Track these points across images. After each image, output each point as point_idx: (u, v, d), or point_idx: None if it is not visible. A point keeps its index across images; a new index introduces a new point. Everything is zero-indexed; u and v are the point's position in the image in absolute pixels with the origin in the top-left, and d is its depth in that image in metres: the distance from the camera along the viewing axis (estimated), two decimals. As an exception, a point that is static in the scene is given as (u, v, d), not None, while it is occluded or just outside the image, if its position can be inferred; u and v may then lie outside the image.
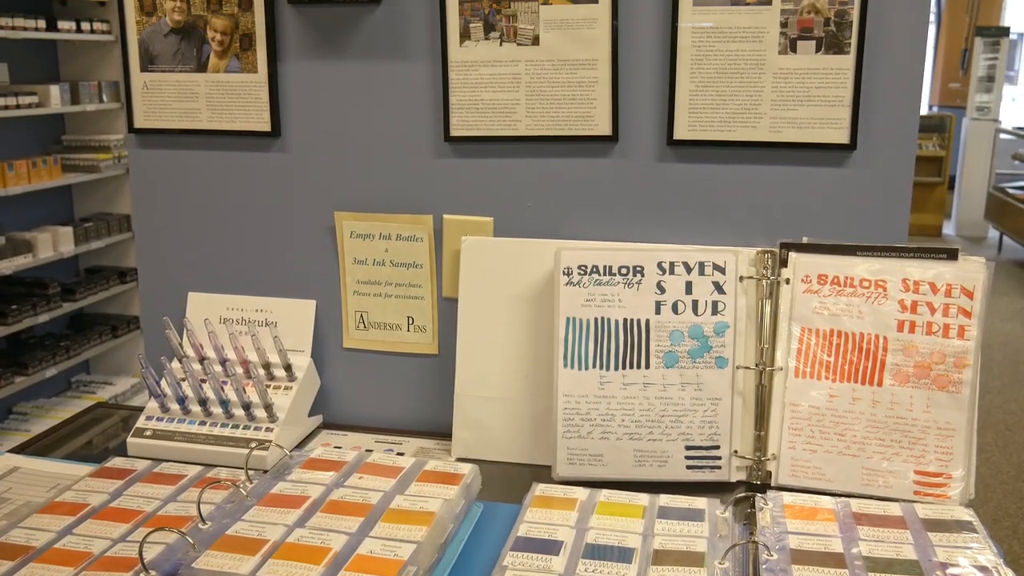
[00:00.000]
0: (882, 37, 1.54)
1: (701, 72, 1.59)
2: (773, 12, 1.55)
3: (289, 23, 1.74)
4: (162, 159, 1.86)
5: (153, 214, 1.89)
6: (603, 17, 1.59)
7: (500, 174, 1.71)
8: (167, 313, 1.82)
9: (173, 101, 1.80)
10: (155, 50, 1.79)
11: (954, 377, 1.48)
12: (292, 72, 1.76)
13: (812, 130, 1.58)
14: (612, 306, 1.55)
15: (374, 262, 1.78)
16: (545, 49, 1.63)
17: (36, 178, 4.35)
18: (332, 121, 1.76)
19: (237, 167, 1.82)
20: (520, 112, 1.66)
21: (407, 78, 1.71)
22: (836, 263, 1.54)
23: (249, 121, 1.78)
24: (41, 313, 4.37)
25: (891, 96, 1.57)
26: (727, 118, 1.60)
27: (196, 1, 1.74)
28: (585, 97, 1.63)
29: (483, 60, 1.65)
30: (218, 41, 1.75)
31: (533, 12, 1.61)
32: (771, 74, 1.57)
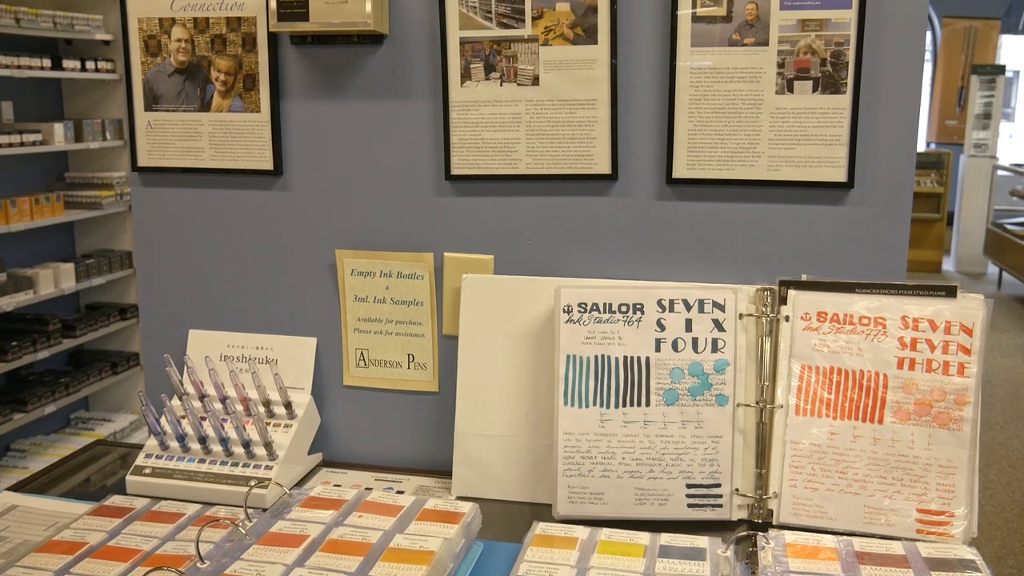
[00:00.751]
0: (878, 77, 1.56)
1: (699, 112, 1.61)
2: (770, 53, 1.57)
3: (292, 63, 1.76)
4: (165, 197, 1.87)
5: (155, 251, 1.90)
6: (602, 58, 1.61)
7: (500, 212, 1.72)
8: (168, 350, 1.82)
9: (176, 140, 1.82)
10: (159, 90, 1.81)
11: (955, 415, 1.48)
12: (294, 111, 1.77)
13: (810, 169, 1.60)
14: (612, 344, 1.55)
15: (375, 299, 1.79)
16: (545, 89, 1.64)
17: (39, 215, 4.37)
18: (334, 159, 1.78)
19: (239, 205, 1.83)
20: (520, 151, 1.68)
21: (408, 117, 1.73)
22: (835, 300, 1.54)
23: (251, 160, 1.79)
24: (41, 349, 4.37)
25: (888, 135, 1.58)
26: (725, 157, 1.61)
27: (200, 42, 1.77)
28: (585, 136, 1.65)
29: (484, 100, 1.67)
30: (222, 81, 1.77)
31: (533, 53, 1.63)
32: (769, 114, 1.59)
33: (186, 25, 1.77)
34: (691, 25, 1.58)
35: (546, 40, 1.63)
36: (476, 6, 1.64)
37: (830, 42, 1.55)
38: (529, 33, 1.63)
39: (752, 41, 1.57)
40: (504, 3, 1.63)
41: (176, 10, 1.77)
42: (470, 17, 1.65)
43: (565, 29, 1.62)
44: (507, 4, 1.63)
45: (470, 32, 1.65)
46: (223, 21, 1.75)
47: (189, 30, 1.77)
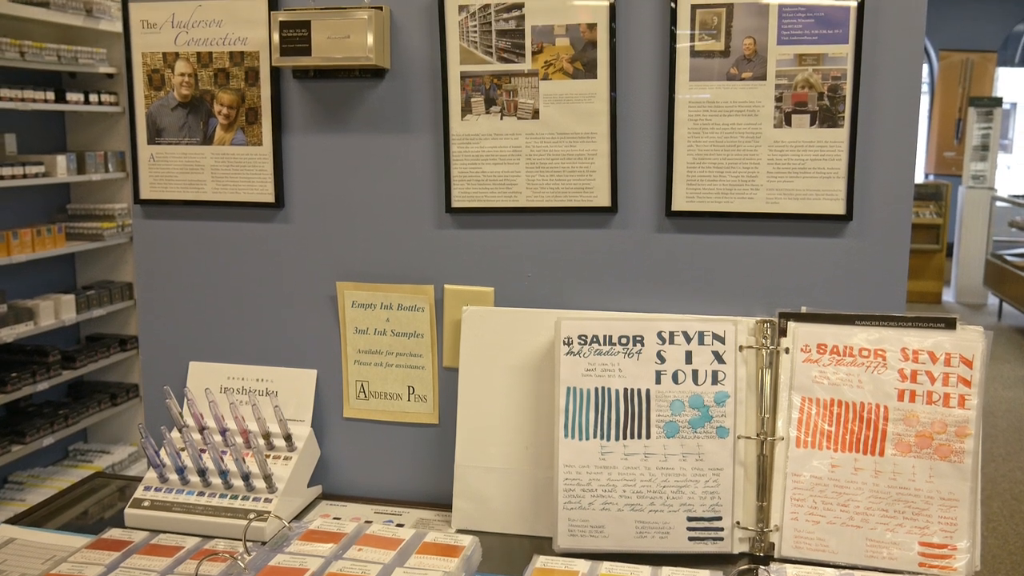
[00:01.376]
0: (875, 110, 1.58)
1: (698, 145, 1.62)
2: (768, 87, 1.58)
3: (294, 97, 1.77)
4: (166, 229, 1.88)
5: (156, 283, 1.90)
6: (602, 92, 1.63)
7: (501, 245, 1.73)
8: (168, 382, 1.82)
9: (179, 173, 1.83)
10: (162, 123, 1.82)
11: (956, 447, 1.47)
12: (296, 144, 1.79)
13: (808, 201, 1.61)
14: (612, 376, 1.55)
15: (375, 331, 1.79)
16: (545, 123, 1.66)
17: (40, 246, 4.38)
18: (335, 192, 1.79)
19: (240, 237, 1.84)
20: (520, 184, 1.69)
21: (409, 150, 1.74)
22: (835, 332, 1.54)
23: (253, 192, 1.80)
24: (41, 381, 4.36)
25: (886, 168, 1.59)
26: (724, 190, 1.62)
27: (204, 76, 1.78)
28: (585, 169, 1.66)
29: (484, 133, 1.68)
30: (224, 115, 1.79)
31: (533, 87, 1.65)
32: (767, 147, 1.60)
33: (189, 59, 1.79)
34: (689, 60, 1.60)
35: (546, 74, 1.64)
36: (477, 41, 1.66)
37: (827, 76, 1.57)
38: (529, 67, 1.65)
39: (750, 75, 1.59)
40: (504, 38, 1.65)
41: (180, 45, 1.79)
42: (471, 52, 1.66)
43: (565, 63, 1.64)
44: (507, 39, 1.65)
45: (471, 66, 1.67)
46: (226, 55, 1.77)
47: (192, 64, 1.79)
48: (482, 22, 1.65)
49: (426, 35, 1.70)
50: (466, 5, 1.65)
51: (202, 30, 1.77)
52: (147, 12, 1.79)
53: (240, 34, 1.76)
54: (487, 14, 1.65)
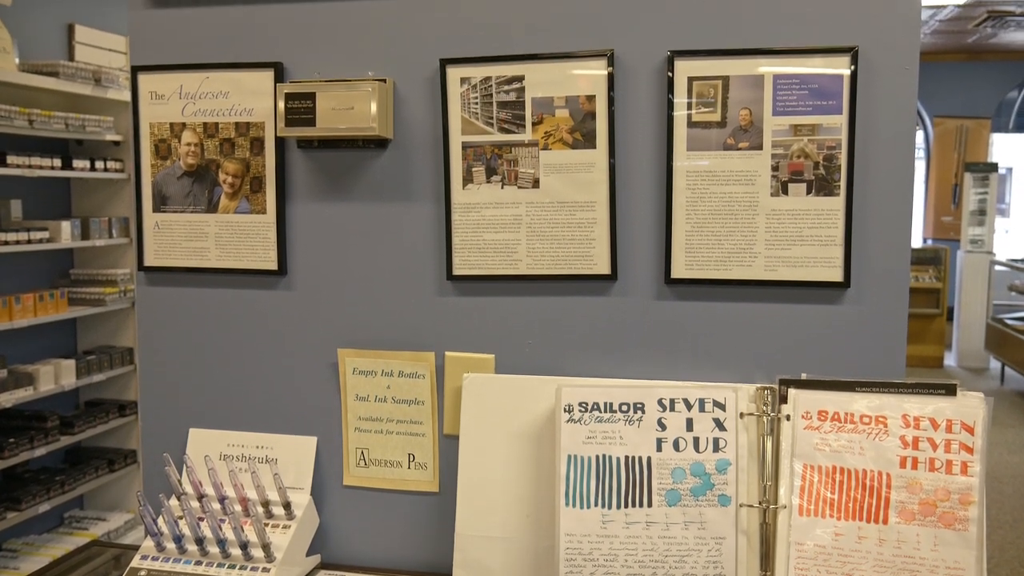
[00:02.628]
0: (870, 179, 1.60)
1: (696, 213, 1.64)
2: (764, 156, 1.61)
3: (298, 166, 1.80)
4: (169, 296, 1.89)
5: (158, 350, 1.91)
6: (601, 161, 1.66)
7: (501, 312, 1.74)
8: (167, 448, 1.81)
9: (183, 240, 1.85)
10: (168, 192, 1.85)
11: (960, 515, 1.46)
12: (300, 212, 1.81)
13: (806, 269, 1.62)
14: (613, 443, 1.55)
15: (376, 399, 1.79)
16: (545, 191, 1.68)
17: (42, 311, 4.39)
18: (337, 260, 1.80)
19: (243, 304, 1.85)
20: (521, 252, 1.70)
21: (411, 219, 1.76)
22: (836, 399, 1.54)
23: (256, 260, 1.82)
24: (38, 447, 4.34)
25: (882, 235, 1.61)
26: (723, 257, 1.64)
27: (210, 145, 1.82)
28: (584, 237, 1.68)
29: (485, 202, 1.71)
30: (229, 183, 1.81)
31: (533, 157, 1.68)
32: (764, 215, 1.62)
33: (196, 129, 1.82)
34: (687, 130, 1.63)
35: (546, 144, 1.67)
36: (478, 112, 1.69)
37: (822, 146, 1.60)
38: (529, 138, 1.68)
39: (746, 145, 1.62)
40: (505, 109, 1.68)
41: (187, 115, 1.82)
42: (472, 123, 1.70)
43: (564, 134, 1.67)
44: (508, 110, 1.68)
45: (472, 137, 1.70)
46: (232, 126, 1.80)
47: (199, 134, 1.82)
48: (483, 94, 1.69)
49: (428, 106, 1.73)
50: (468, 77, 1.69)
51: (209, 101, 1.81)
52: (156, 83, 1.83)
53: (246, 105, 1.79)
54: (488, 86, 1.68)
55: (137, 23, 1.85)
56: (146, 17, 1.84)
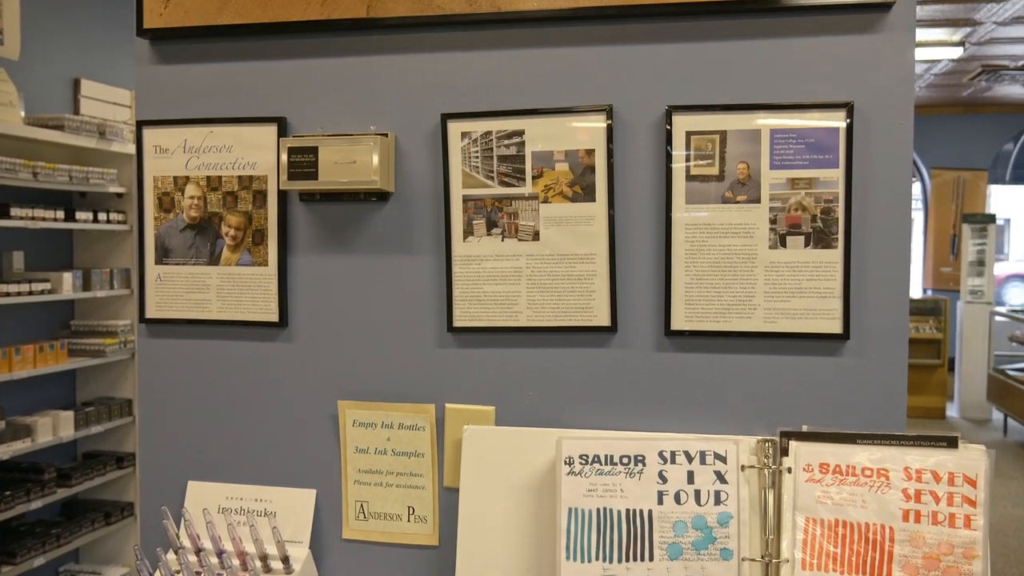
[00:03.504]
0: (867, 231, 1.61)
1: (696, 265, 1.65)
2: (762, 210, 1.63)
3: (300, 218, 1.82)
4: (170, 348, 1.89)
5: (158, 402, 1.91)
6: (600, 214, 1.67)
7: (502, 364, 1.74)
8: (166, 501, 1.80)
9: (184, 292, 1.86)
10: (170, 244, 1.86)
11: (964, 569, 1.45)
12: (301, 265, 1.82)
13: (806, 320, 1.63)
14: (614, 496, 1.54)
15: (376, 451, 1.78)
16: (545, 244, 1.70)
17: (42, 362, 4.39)
18: (338, 312, 1.81)
19: (244, 356, 1.85)
20: (521, 304, 1.71)
21: (412, 271, 1.77)
22: (837, 452, 1.54)
23: (257, 312, 1.83)
24: (35, 499, 4.30)
25: (880, 287, 1.62)
26: (722, 309, 1.65)
27: (213, 199, 1.83)
28: (584, 289, 1.69)
29: (486, 254, 1.72)
30: (232, 236, 1.83)
31: (534, 210, 1.69)
32: (763, 267, 1.63)
33: (199, 183, 1.84)
34: (685, 183, 1.65)
35: (546, 198, 1.69)
36: (479, 166, 1.71)
37: (820, 199, 1.61)
38: (530, 191, 1.70)
39: (744, 198, 1.63)
40: (505, 163, 1.70)
41: (191, 169, 1.84)
42: (473, 176, 1.72)
43: (564, 187, 1.68)
44: (508, 164, 1.70)
45: (473, 190, 1.72)
46: (235, 179, 1.82)
47: (202, 188, 1.84)
48: (484, 148, 1.71)
49: (430, 160, 1.75)
50: (468, 132, 1.71)
51: (212, 155, 1.83)
52: (160, 138, 1.86)
53: (249, 159, 1.82)
54: (489, 140, 1.71)
55: (144, 79, 1.88)
56: (152, 73, 1.87)
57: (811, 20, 1.62)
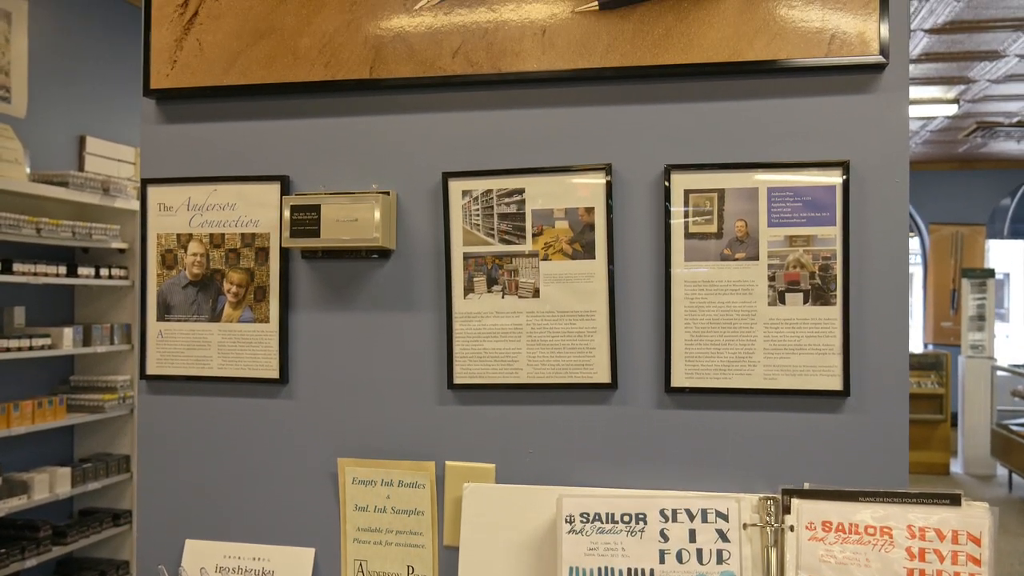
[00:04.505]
0: (866, 288, 1.62)
1: (695, 322, 1.66)
2: (761, 267, 1.64)
3: (302, 275, 1.83)
4: (170, 405, 1.89)
5: (157, 459, 1.90)
6: (600, 272, 1.68)
7: (502, 421, 1.74)
8: (163, 560, 1.79)
9: (185, 349, 1.86)
10: (172, 301, 1.87)
11: (970, 631, 1.43)
12: (302, 321, 1.83)
13: (806, 377, 1.63)
14: (615, 555, 1.53)
15: (375, 509, 1.77)
16: (545, 301, 1.70)
17: (40, 418, 4.37)
18: (339, 368, 1.81)
19: (244, 413, 1.85)
20: (522, 361, 1.72)
21: (413, 328, 1.78)
22: (839, 510, 1.53)
23: (258, 368, 1.83)
24: (29, 558, 4.25)
25: (880, 343, 1.62)
26: (722, 366, 1.65)
27: (215, 256, 1.85)
28: (585, 346, 1.69)
29: (486, 311, 1.73)
30: (233, 293, 1.84)
31: (534, 267, 1.71)
32: (763, 324, 1.64)
33: (202, 240, 1.85)
34: (684, 241, 1.66)
35: (546, 255, 1.70)
36: (479, 224, 1.73)
37: (817, 256, 1.63)
38: (530, 249, 1.71)
39: (743, 256, 1.64)
40: (506, 221, 1.72)
41: (194, 226, 1.86)
42: (473, 234, 1.73)
43: (564, 245, 1.70)
44: (508, 222, 1.72)
45: (473, 247, 1.73)
46: (238, 236, 1.84)
47: (205, 245, 1.85)
48: (484, 206, 1.73)
49: (431, 217, 1.77)
50: (469, 190, 1.73)
51: (216, 212, 1.85)
52: (164, 196, 1.88)
53: (252, 216, 1.83)
54: (489, 198, 1.73)
55: (149, 138, 1.90)
56: (158, 132, 1.90)
57: (807, 81, 1.65)
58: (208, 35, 1.82)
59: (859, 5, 1.60)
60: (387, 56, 1.75)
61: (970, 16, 5.58)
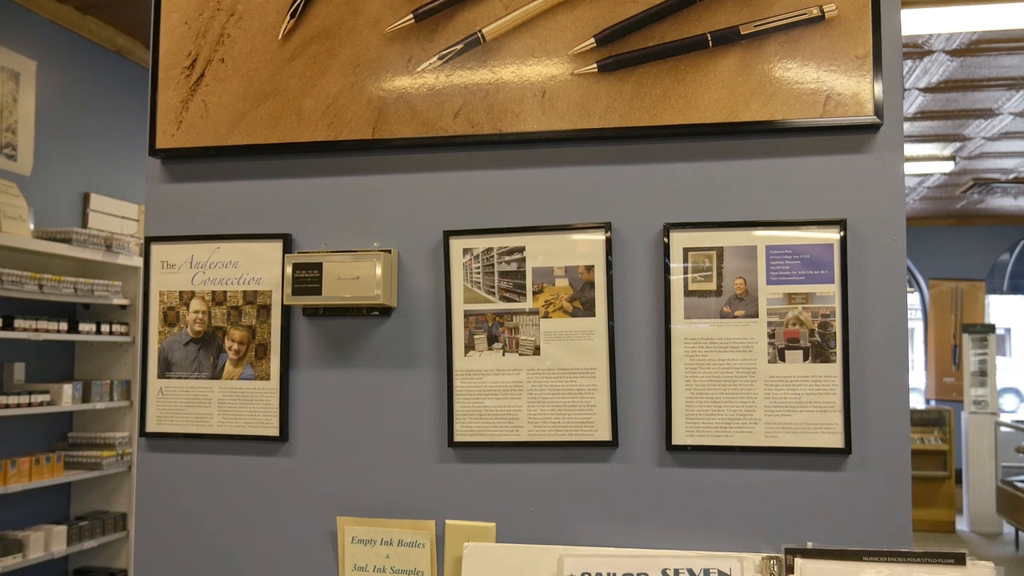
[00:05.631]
0: (865, 346, 1.63)
1: (696, 380, 1.66)
2: (760, 324, 1.64)
3: (303, 333, 1.84)
4: (170, 463, 1.88)
5: (155, 517, 1.88)
6: (600, 329, 1.69)
7: (503, 479, 1.73)
8: (159, 623, 1.76)
9: (186, 406, 1.86)
10: (174, 358, 1.88)
11: None
12: (303, 379, 1.83)
13: (807, 435, 1.62)
14: (617, 616, 1.51)
15: (374, 568, 1.75)
16: (546, 358, 1.71)
17: (37, 475, 4.34)
18: (339, 426, 1.81)
19: (243, 471, 1.84)
20: (522, 418, 1.71)
21: (413, 386, 1.78)
22: (843, 569, 1.51)
23: (258, 426, 1.83)
24: (23, 618, 4.19)
25: (880, 401, 1.62)
26: (723, 424, 1.65)
27: (217, 313, 1.86)
28: (585, 404, 1.69)
29: (487, 369, 1.73)
30: (235, 350, 1.84)
31: (534, 325, 1.71)
32: (763, 382, 1.64)
33: (205, 298, 1.86)
34: (684, 298, 1.67)
35: (546, 313, 1.71)
36: (480, 282, 1.74)
37: (816, 314, 1.63)
38: (530, 307, 1.72)
39: (742, 313, 1.65)
40: (506, 279, 1.73)
41: (196, 284, 1.87)
42: (474, 292, 1.74)
43: (564, 303, 1.71)
44: (509, 280, 1.73)
45: (474, 305, 1.74)
46: (240, 294, 1.85)
47: (207, 302, 1.86)
48: (485, 264, 1.74)
49: (432, 275, 1.78)
50: (470, 248, 1.75)
51: (219, 270, 1.86)
52: (168, 253, 1.89)
53: (255, 274, 1.85)
54: (490, 256, 1.74)
55: (154, 196, 1.92)
56: (162, 191, 1.92)
57: (803, 140, 1.68)
58: (214, 96, 1.86)
59: (853, 66, 1.63)
60: (390, 117, 1.78)
61: (963, 75, 5.67)
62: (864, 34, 1.64)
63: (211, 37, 1.86)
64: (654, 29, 1.69)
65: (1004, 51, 5.25)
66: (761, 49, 1.66)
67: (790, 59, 1.65)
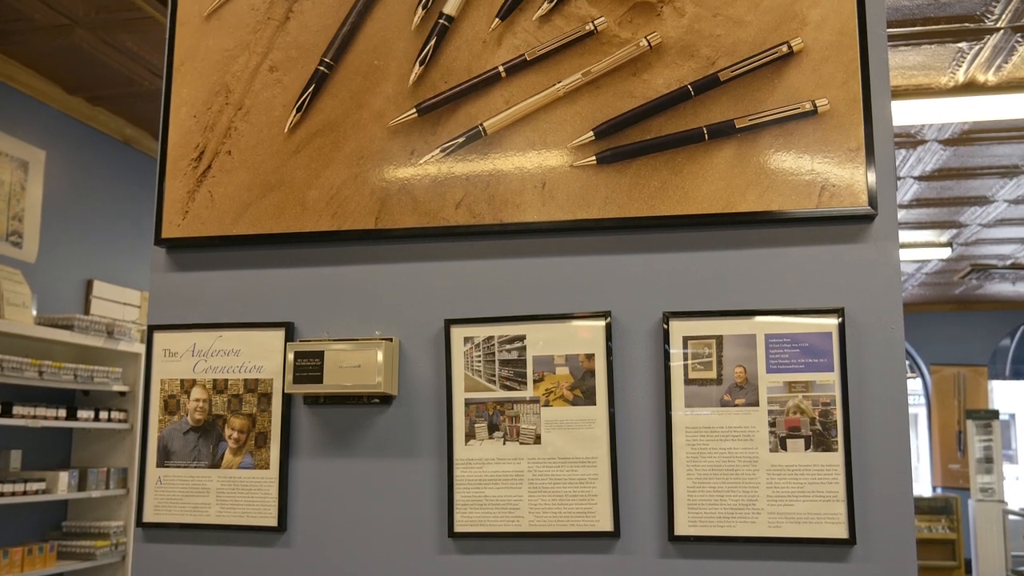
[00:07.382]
0: (867, 434, 1.62)
1: (697, 469, 1.65)
2: (761, 413, 1.64)
3: (303, 421, 1.83)
4: (166, 553, 1.86)
5: (149, 611, 1.85)
6: (601, 418, 1.69)
7: (503, 570, 1.71)
8: None
9: (183, 496, 1.85)
10: (173, 447, 1.87)
11: None
12: (303, 468, 1.82)
13: (810, 525, 1.61)
14: None
15: (372, 664, 1.72)
16: (547, 447, 1.70)
17: (29, 566, 4.26)
18: (338, 515, 1.79)
19: (240, 562, 1.82)
20: (523, 508, 1.70)
21: (414, 475, 1.77)
22: (851, 666, 1.48)
23: (256, 516, 1.81)
24: None
25: (884, 490, 1.61)
26: (726, 514, 1.63)
27: (218, 401, 1.86)
28: (586, 493, 1.68)
29: (487, 458, 1.72)
30: (235, 439, 1.84)
31: (535, 413, 1.71)
32: (765, 471, 1.63)
33: (205, 386, 1.87)
34: (684, 387, 1.67)
35: (547, 401, 1.71)
36: (481, 371, 1.75)
37: (817, 402, 1.63)
38: (531, 395, 1.72)
39: (743, 402, 1.65)
40: (507, 367, 1.74)
41: (198, 372, 1.87)
42: (475, 380, 1.75)
43: (565, 391, 1.71)
44: (510, 368, 1.73)
45: (475, 394, 1.74)
46: (241, 382, 1.85)
47: (208, 391, 1.86)
48: (486, 352, 1.75)
49: (433, 364, 1.79)
50: (471, 337, 1.76)
51: (220, 358, 1.87)
52: (170, 342, 1.90)
53: (256, 362, 1.85)
54: (491, 345, 1.75)
55: (158, 285, 1.94)
56: (167, 280, 1.94)
57: (799, 231, 1.70)
58: (220, 187, 1.89)
59: (847, 158, 1.67)
60: (392, 207, 1.81)
61: (957, 164, 5.76)
62: (856, 127, 1.68)
63: (219, 130, 1.91)
64: (651, 123, 1.73)
65: (995, 140, 5.35)
66: (756, 142, 1.70)
67: (785, 152, 1.69)
